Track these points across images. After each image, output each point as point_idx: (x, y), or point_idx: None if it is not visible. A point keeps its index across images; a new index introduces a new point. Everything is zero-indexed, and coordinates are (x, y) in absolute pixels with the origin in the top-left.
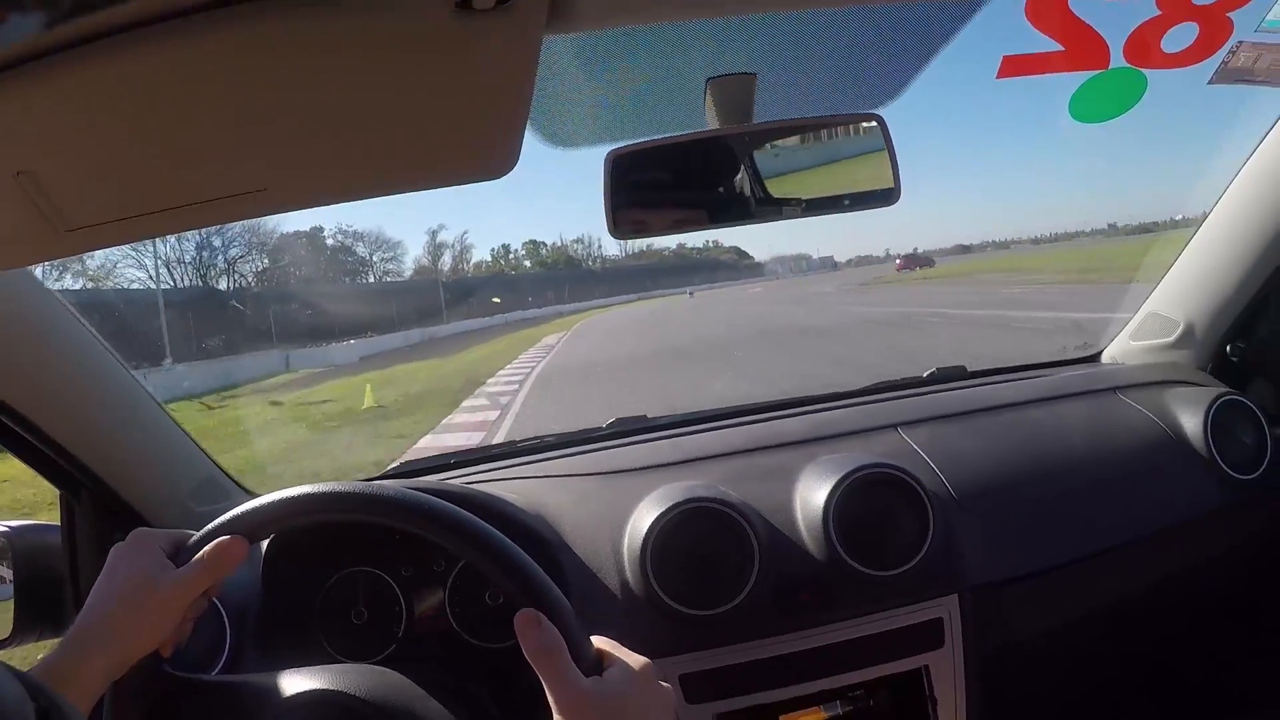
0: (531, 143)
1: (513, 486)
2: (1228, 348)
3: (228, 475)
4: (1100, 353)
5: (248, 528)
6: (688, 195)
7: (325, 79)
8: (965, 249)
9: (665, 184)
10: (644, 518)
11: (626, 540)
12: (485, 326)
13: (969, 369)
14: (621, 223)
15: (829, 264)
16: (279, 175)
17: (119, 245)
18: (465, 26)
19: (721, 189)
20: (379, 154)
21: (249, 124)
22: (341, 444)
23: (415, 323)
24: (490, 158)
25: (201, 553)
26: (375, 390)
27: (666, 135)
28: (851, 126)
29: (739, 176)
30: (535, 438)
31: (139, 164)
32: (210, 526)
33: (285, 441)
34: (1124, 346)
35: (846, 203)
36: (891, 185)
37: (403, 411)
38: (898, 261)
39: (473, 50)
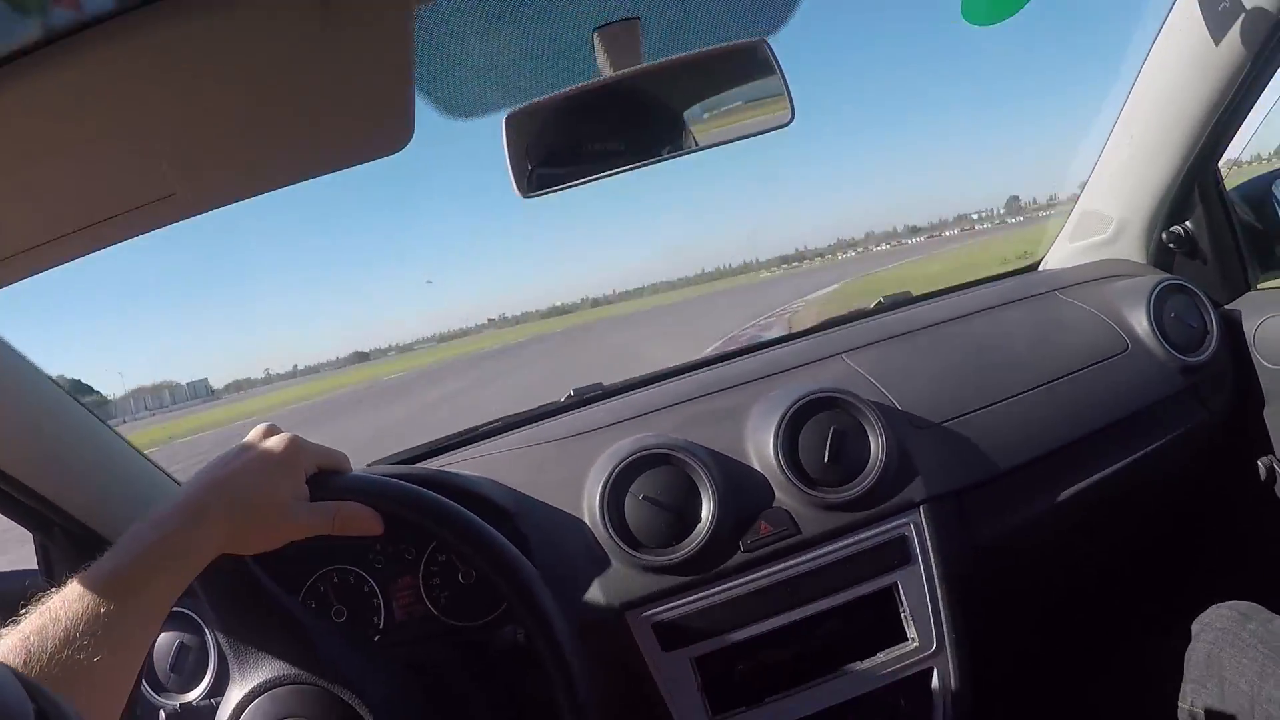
0: (432, 115)
1: (479, 466)
2: (1163, 235)
3: None
4: (1040, 260)
5: (388, 503)
6: (588, 145)
7: (208, 78)
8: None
9: (564, 138)
10: (598, 475)
11: (585, 499)
12: None
13: (913, 294)
14: (527, 182)
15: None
16: (183, 179)
17: (42, 271)
18: (338, 5)
19: (620, 135)
20: (276, 143)
21: (142, 133)
22: None
23: None
24: (385, 132)
25: (341, 509)
26: None
27: (560, 90)
28: (741, 57)
29: (635, 119)
30: (497, 420)
31: (44, 187)
32: (364, 479)
33: None
34: (1063, 250)
35: (745, 130)
36: (786, 108)
37: None
38: None
39: (347, 27)
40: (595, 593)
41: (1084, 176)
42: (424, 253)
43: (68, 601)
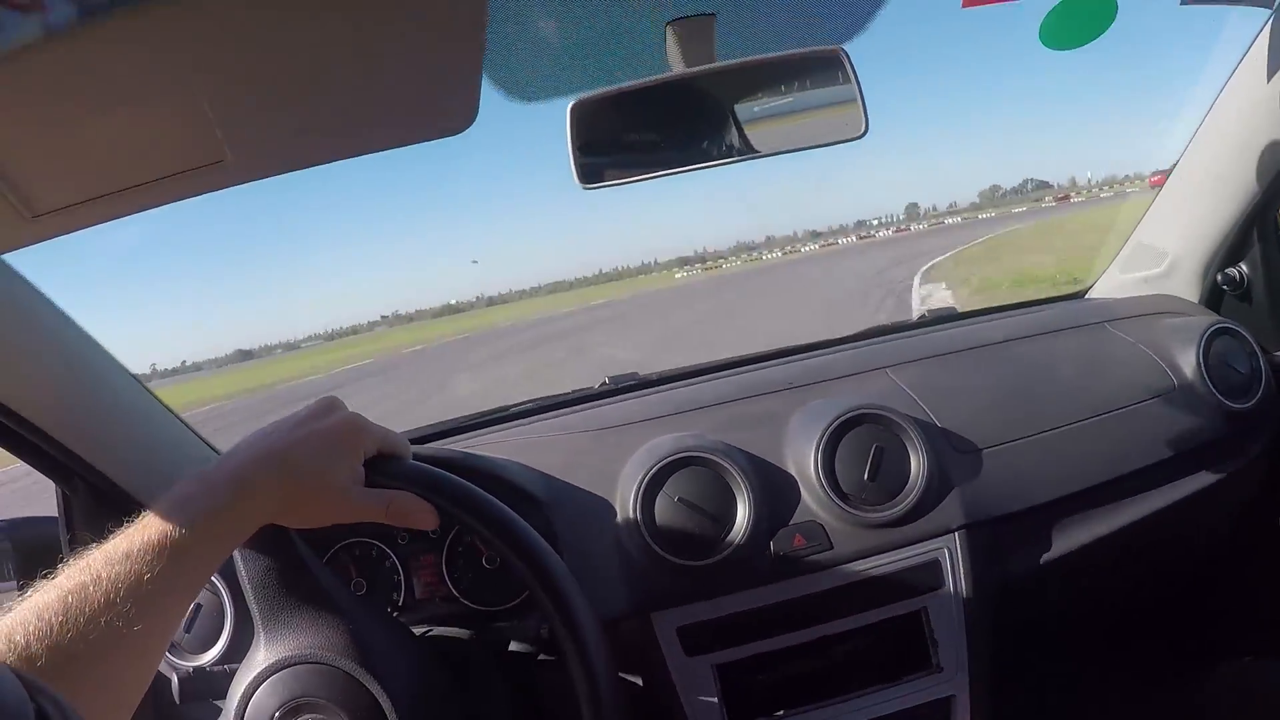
0: (497, 98)
1: (509, 450)
2: (1218, 276)
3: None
4: (1090, 288)
5: (445, 500)
6: (652, 140)
7: (272, 46)
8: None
9: (629, 131)
10: (634, 472)
11: (618, 495)
12: None
13: (960, 310)
14: (587, 173)
15: None
16: (236, 146)
17: (87, 227)
18: None
19: (686, 132)
20: (335, 116)
21: (199, 97)
22: None
23: None
24: (449, 112)
25: (396, 499)
26: None
27: (628, 82)
28: (818, 64)
29: (703, 118)
30: (530, 401)
31: (99, 145)
32: (424, 471)
33: None
34: (1114, 280)
35: (814, 139)
36: (859, 119)
37: None
38: None
39: (420, 2)
40: (621, 590)
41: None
42: (321, 241)
43: (111, 562)
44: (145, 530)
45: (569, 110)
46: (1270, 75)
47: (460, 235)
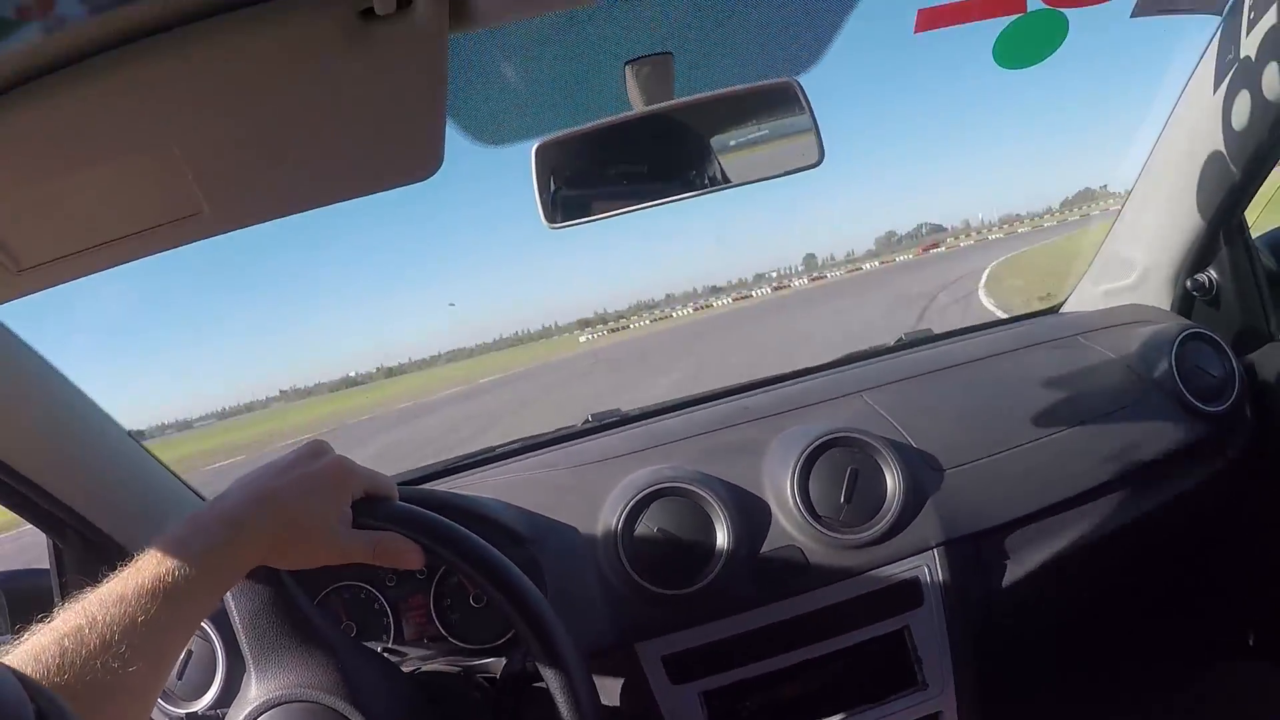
0: (462, 143)
1: (494, 489)
2: (1188, 282)
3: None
4: (1063, 303)
5: (430, 540)
6: (616, 178)
7: (241, 99)
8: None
9: (592, 169)
10: (614, 505)
11: (600, 528)
12: None
13: (935, 332)
14: (553, 212)
15: None
16: (212, 197)
17: (71, 280)
18: (371, 33)
19: (649, 168)
20: (304, 167)
21: (172, 150)
22: None
23: None
24: (415, 159)
25: (383, 540)
26: None
27: (590, 123)
28: (773, 96)
29: (665, 154)
30: (514, 441)
31: (80, 199)
32: (411, 513)
33: None
34: (1086, 293)
35: (772, 169)
36: (814, 148)
37: None
38: None
39: (382, 55)
40: (605, 622)
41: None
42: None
43: (106, 605)
44: (139, 573)
45: (533, 152)
46: (1221, 81)
47: (362, 301)
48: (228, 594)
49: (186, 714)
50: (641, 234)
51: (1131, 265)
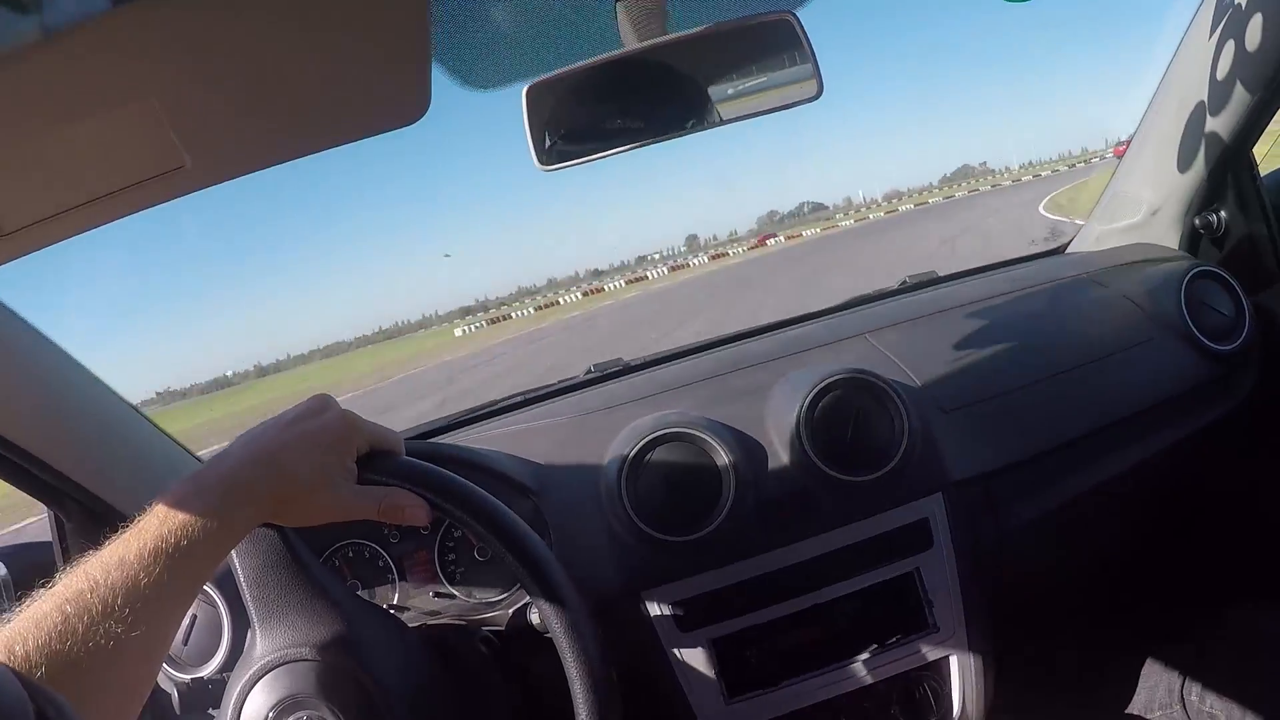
0: (450, 87)
1: (498, 441)
2: (1195, 220)
3: None
4: (1069, 242)
5: (437, 496)
6: (609, 117)
7: (219, 47)
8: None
9: (584, 109)
10: (618, 452)
11: (603, 476)
12: None
13: (939, 274)
14: (546, 154)
15: None
16: (194, 150)
17: (57, 242)
18: None
19: (643, 106)
20: (288, 114)
21: (152, 104)
22: None
23: None
24: (401, 102)
25: (389, 496)
26: None
27: (581, 62)
28: (769, 30)
29: (660, 92)
30: (517, 394)
31: (58, 158)
32: (415, 467)
33: None
34: (1093, 232)
35: (770, 104)
36: (813, 82)
37: None
38: None
39: None
40: (612, 572)
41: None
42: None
43: (108, 569)
44: (141, 535)
45: (524, 94)
46: (1229, 13)
47: (245, 295)
48: (232, 552)
49: (192, 679)
50: (522, 214)
51: (1138, 204)
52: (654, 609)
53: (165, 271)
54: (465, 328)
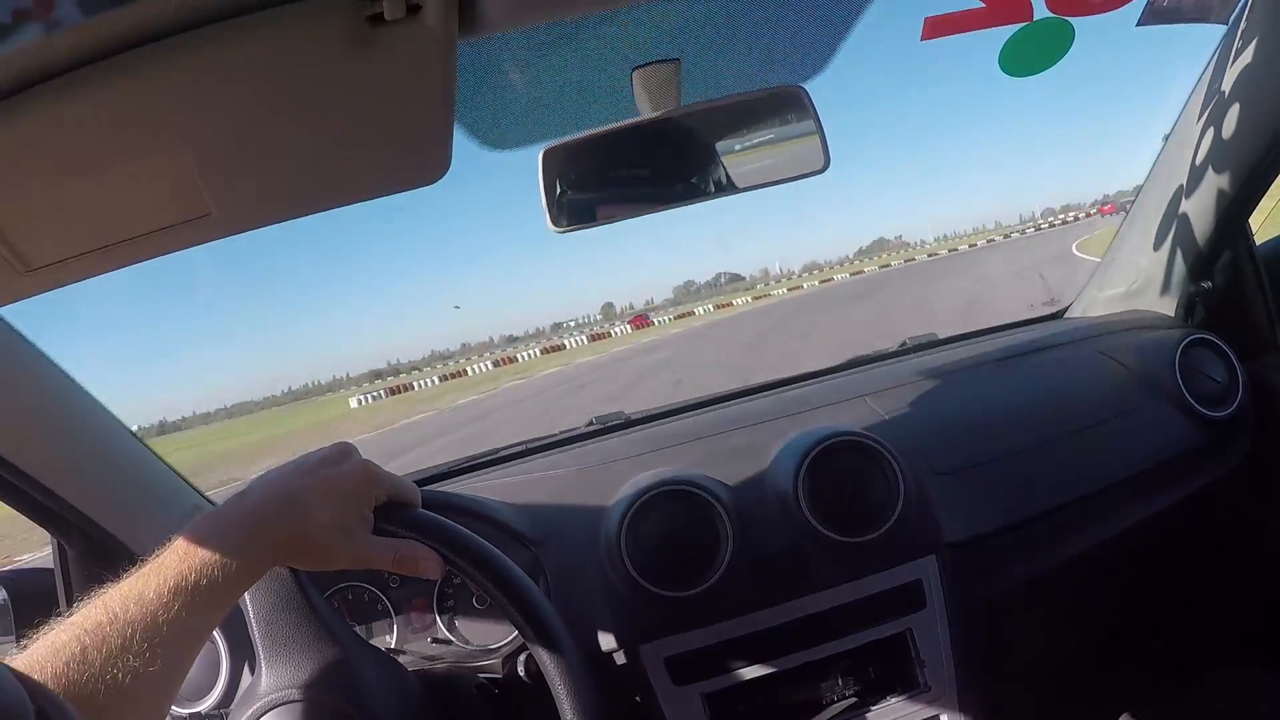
0: (469, 147)
1: (502, 490)
2: (1192, 288)
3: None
4: (1068, 308)
5: (449, 550)
6: (622, 183)
7: (251, 103)
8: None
9: (599, 174)
10: (617, 507)
11: (603, 530)
12: None
13: (939, 336)
14: (559, 216)
15: None
16: (220, 200)
17: (78, 281)
18: (381, 37)
19: (655, 174)
20: (313, 170)
21: (181, 152)
22: None
23: None
24: (422, 164)
25: (404, 548)
26: None
27: (597, 128)
28: (780, 103)
29: (671, 160)
30: (520, 443)
31: (88, 200)
32: (432, 521)
33: None
34: (1090, 298)
35: (778, 174)
36: (819, 154)
37: None
38: None
39: (391, 60)
40: (609, 624)
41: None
42: None
43: (127, 603)
44: (161, 571)
45: (540, 156)
46: (1227, 89)
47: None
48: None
49: (190, 714)
50: (438, 282)
51: (1137, 271)
52: (649, 662)
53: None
54: (362, 397)
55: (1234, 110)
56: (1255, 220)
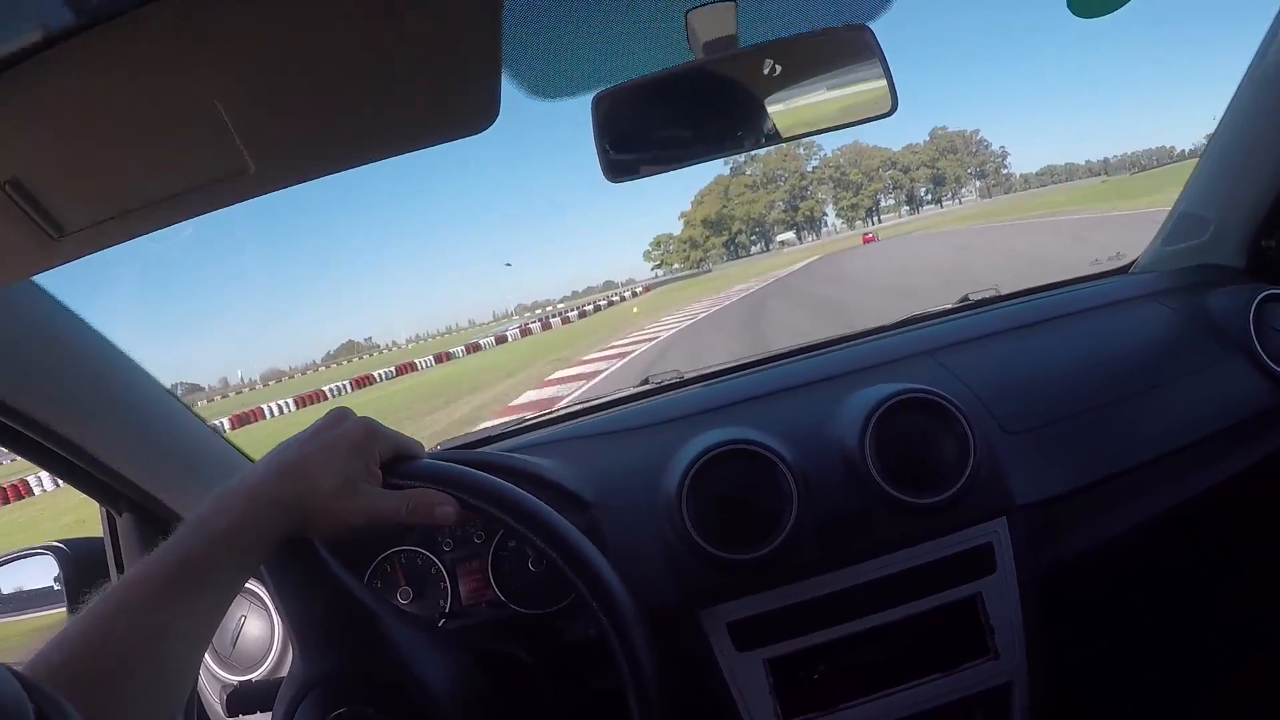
0: (519, 97)
1: (551, 451)
2: (1263, 242)
3: None
4: (1134, 263)
5: (464, 493)
6: (678, 129)
7: (289, 51)
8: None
9: (654, 121)
10: (677, 466)
11: (662, 490)
12: None
13: (1002, 292)
14: (614, 165)
15: None
16: (259, 155)
17: (113, 245)
18: None
19: (712, 119)
20: (355, 121)
21: (220, 107)
22: None
23: None
24: (470, 111)
25: (414, 497)
26: None
27: (651, 73)
28: (843, 43)
29: (730, 104)
30: (575, 403)
31: (120, 160)
32: (440, 468)
33: None
34: (1157, 252)
35: (843, 118)
36: (887, 97)
37: None
38: None
39: (436, 2)
40: (669, 587)
41: None
42: None
43: (134, 588)
44: (164, 555)
45: (593, 103)
46: None
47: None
48: (263, 569)
49: (240, 680)
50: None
51: (1205, 224)
52: (711, 626)
53: None
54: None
55: None
56: None
